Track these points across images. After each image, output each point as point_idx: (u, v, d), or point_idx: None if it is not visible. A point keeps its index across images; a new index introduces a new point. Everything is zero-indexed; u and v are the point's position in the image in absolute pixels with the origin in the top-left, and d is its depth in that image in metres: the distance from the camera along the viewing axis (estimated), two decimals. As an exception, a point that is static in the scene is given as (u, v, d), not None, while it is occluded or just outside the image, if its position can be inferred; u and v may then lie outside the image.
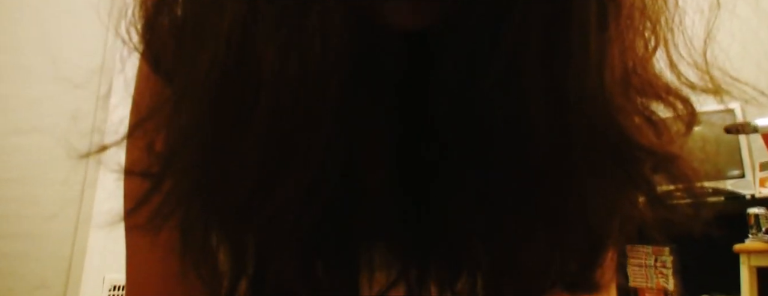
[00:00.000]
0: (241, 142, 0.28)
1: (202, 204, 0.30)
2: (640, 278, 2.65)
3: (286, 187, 0.28)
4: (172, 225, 0.32)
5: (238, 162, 0.28)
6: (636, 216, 0.32)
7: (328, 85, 0.27)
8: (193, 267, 0.33)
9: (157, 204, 0.31)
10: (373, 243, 0.32)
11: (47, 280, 1.53)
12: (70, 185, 1.56)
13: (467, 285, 0.33)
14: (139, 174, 0.35)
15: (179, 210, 0.31)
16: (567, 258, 0.32)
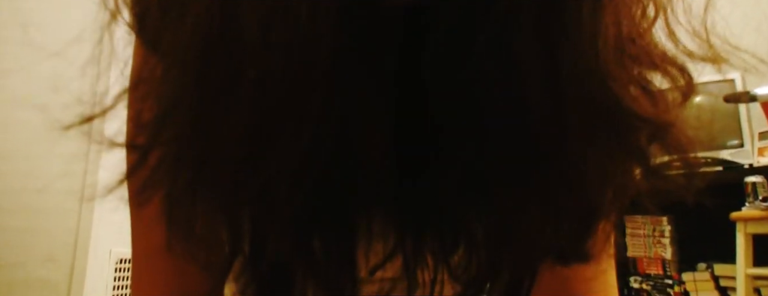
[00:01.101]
0: (229, 110, 0.27)
1: (190, 176, 0.30)
2: (638, 248, 2.68)
3: (276, 157, 0.27)
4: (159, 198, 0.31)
5: (226, 132, 0.28)
6: (630, 185, 0.32)
7: (317, 51, 0.26)
8: (179, 240, 0.33)
9: (144, 176, 0.31)
10: (371, 214, 0.32)
11: (55, 254, 1.55)
12: (73, 159, 1.57)
13: (463, 259, 0.33)
14: (126, 145, 0.35)
15: (166, 182, 0.31)
16: (560, 229, 0.32)
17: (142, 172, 0.31)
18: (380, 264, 0.33)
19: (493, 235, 0.32)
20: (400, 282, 0.34)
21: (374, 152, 0.28)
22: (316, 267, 0.31)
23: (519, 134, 0.28)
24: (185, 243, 0.33)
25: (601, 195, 0.31)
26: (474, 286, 0.34)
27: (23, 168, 1.60)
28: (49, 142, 1.61)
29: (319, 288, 0.33)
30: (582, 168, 0.29)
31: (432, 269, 0.33)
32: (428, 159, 0.30)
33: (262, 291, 0.34)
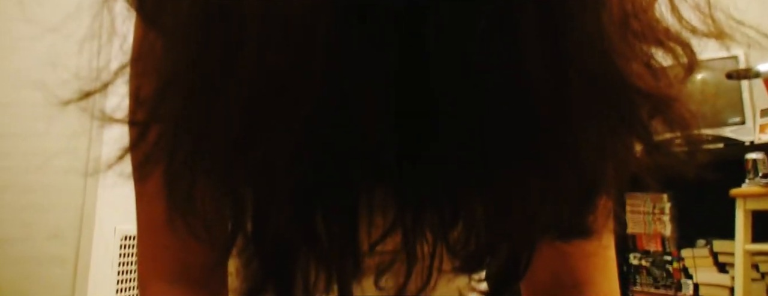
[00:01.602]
0: (228, 85, 0.27)
1: (189, 152, 0.30)
2: (638, 225, 2.70)
3: (276, 132, 0.27)
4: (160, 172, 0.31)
5: (225, 107, 0.27)
6: (631, 161, 0.32)
7: (316, 23, 0.26)
8: (179, 215, 0.33)
9: (144, 152, 0.31)
10: (371, 189, 0.32)
11: (61, 230, 1.57)
12: (77, 136, 1.58)
13: (462, 235, 0.33)
14: (125, 121, 0.35)
15: (166, 158, 0.31)
16: (560, 204, 0.32)
17: (143, 147, 0.31)
18: (380, 238, 0.33)
19: (492, 211, 0.32)
20: (399, 255, 0.34)
21: (374, 127, 0.28)
22: (317, 242, 0.32)
23: (520, 109, 0.28)
24: (185, 218, 0.33)
25: (601, 171, 0.31)
26: (473, 261, 0.34)
27: (27, 146, 1.61)
28: (51, 119, 1.62)
29: (321, 262, 0.33)
30: (583, 143, 0.29)
31: (431, 243, 0.33)
32: (428, 135, 0.29)
33: (265, 265, 0.34)
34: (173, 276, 0.44)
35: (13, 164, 1.61)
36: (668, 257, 2.62)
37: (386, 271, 0.36)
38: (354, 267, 0.33)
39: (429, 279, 0.35)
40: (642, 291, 2.66)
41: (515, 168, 0.29)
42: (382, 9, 0.27)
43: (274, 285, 0.35)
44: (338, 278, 0.33)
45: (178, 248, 0.44)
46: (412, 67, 0.28)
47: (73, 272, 1.56)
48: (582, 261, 0.47)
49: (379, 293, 0.38)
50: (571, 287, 0.47)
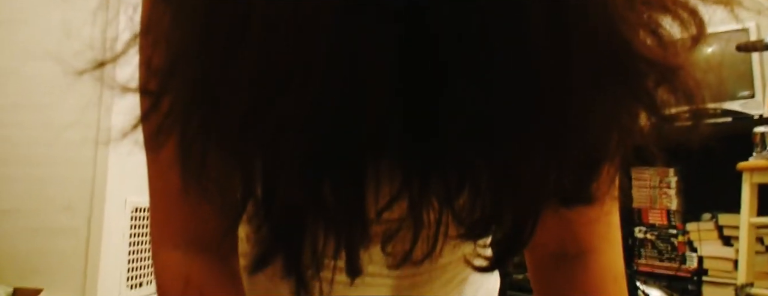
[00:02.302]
0: (237, 56, 0.27)
1: (201, 120, 0.30)
2: (644, 199, 2.70)
3: (285, 102, 0.27)
4: (174, 141, 0.32)
5: (235, 78, 0.28)
6: (635, 129, 0.32)
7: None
8: (193, 182, 0.33)
9: (157, 122, 0.31)
10: (378, 158, 0.32)
11: (72, 202, 1.59)
12: (87, 109, 1.59)
13: (467, 202, 0.33)
14: (138, 91, 0.35)
15: (178, 127, 0.31)
16: (564, 172, 0.32)
17: (155, 117, 0.31)
18: (387, 205, 0.33)
19: (497, 179, 0.32)
20: (405, 222, 0.34)
21: (381, 97, 0.28)
22: (326, 209, 0.32)
23: (525, 77, 0.28)
24: (199, 185, 0.33)
25: (606, 139, 0.31)
26: (478, 228, 0.34)
27: (38, 119, 1.62)
28: (62, 92, 1.63)
29: (329, 229, 0.34)
30: (587, 112, 0.29)
31: (437, 211, 0.34)
32: (434, 104, 0.29)
33: (274, 231, 0.35)
34: (185, 242, 0.45)
35: (24, 136, 1.63)
36: (673, 230, 2.63)
37: (393, 238, 0.36)
38: (361, 234, 0.34)
39: (435, 245, 0.35)
40: (646, 263, 2.68)
41: (520, 137, 0.29)
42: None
43: (283, 250, 0.36)
44: (346, 244, 0.34)
45: (190, 215, 0.44)
46: (417, 37, 0.28)
47: (85, 243, 1.59)
48: (585, 227, 0.47)
49: (385, 259, 0.39)
50: (575, 256, 0.48)
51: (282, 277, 0.37)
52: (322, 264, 0.36)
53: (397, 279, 0.50)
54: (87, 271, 1.58)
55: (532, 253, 0.51)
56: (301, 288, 0.38)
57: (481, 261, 0.40)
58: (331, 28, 0.26)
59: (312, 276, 0.37)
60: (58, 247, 1.59)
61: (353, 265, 0.36)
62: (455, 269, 0.53)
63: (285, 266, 0.37)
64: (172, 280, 0.45)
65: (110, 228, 1.62)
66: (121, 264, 1.68)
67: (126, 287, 1.70)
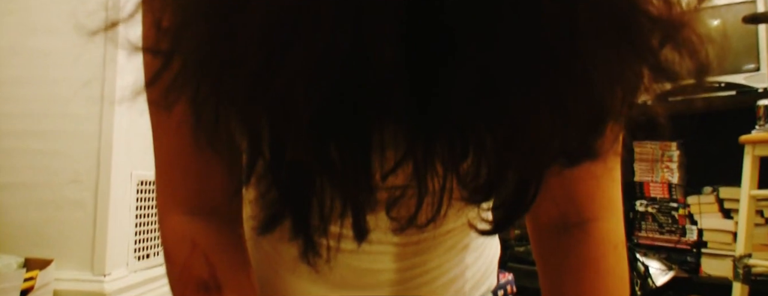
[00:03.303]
0: (247, 16, 0.27)
1: (211, 80, 0.31)
2: (646, 172, 2.71)
3: (292, 64, 0.28)
4: (185, 100, 0.32)
5: (243, 40, 0.28)
6: (639, 87, 0.32)
7: None
8: (207, 140, 0.34)
9: (168, 81, 0.32)
10: (383, 123, 0.32)
11: (79, 175, 1.60)
12: (91, 85, 1.59)
13: (472, 167, 0.33)
14: (149, 51, 0.36)
15: (190, 86, 0.32)
16: (568, 131, 0.32)
17: (166, 77, 0.32)
18: (391, 169, 0.33)
19: (502, 141, 0.32)
20: (410, 188, 0.34)
21: (387, 55, 0.28)
22: (333, 171, 0.32)
23: (531, 37, 0.28)
24: (211, 143, 0.34)
25: (610, 97, 0.31)
26: (482, 192, 0.35)
27: (42, 93, 1.63)
28: (66, 66, 1.63)
29: (336, 192, 0.34)
30: (593, 70, 0.29)
31: (441, 175, 0.34)
32: (440, 66, 0.29)
33: (282, 195, 0.36)
34: (191, 206, 0.45)
35: (29, 110, 1.64)
36: (674, 204, 2.65)
37: (397, 202, 0.37)
38: (367, 196, 0.34)
39: (439, 209, 0.36)
40: (647, 236, 2.70)
41: (526, 97, 0.29)
42: None
43: (291, 212, 0.36)
44: (352, 206, 0.35)
45: (196, 179, 0.45)
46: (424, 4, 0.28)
47: (93, 215, 1.61)
48: (588, 182, 0.47)
49: (390, 224, 0.39)
50: (577, 225, 0.48)
51: (289, 240, 0.38)
52: (328, 226, 0.37)
53: (401, 247, 0.50)
54: (95, 242, 1.60)
55: (535, 223, 0.52)
56: (308, 250, 0.38)
57: (484, 224, 0.41)
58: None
59: (319, 239, 0.38)
60: (66, 219, 1.61)
61: (360, 228, 0.36)
62: (458, 235, 0.53)
63: (292, 228, 0.37)
64: (178, 244, 0.45)
65: (117, 200, 1.63)
66: (128, 235, 1.70)
67: (133, 258, 1.72)
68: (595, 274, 0.47)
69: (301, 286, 0.52)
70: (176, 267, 0.45)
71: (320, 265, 0.39)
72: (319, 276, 0.51)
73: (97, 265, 1.60)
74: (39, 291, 1.51)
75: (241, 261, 0.46)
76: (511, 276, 0.65)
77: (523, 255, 2.34)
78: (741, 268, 2.06)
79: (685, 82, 0.32)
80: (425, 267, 0.52)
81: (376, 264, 0.50)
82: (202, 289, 0.43)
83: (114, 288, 1.61)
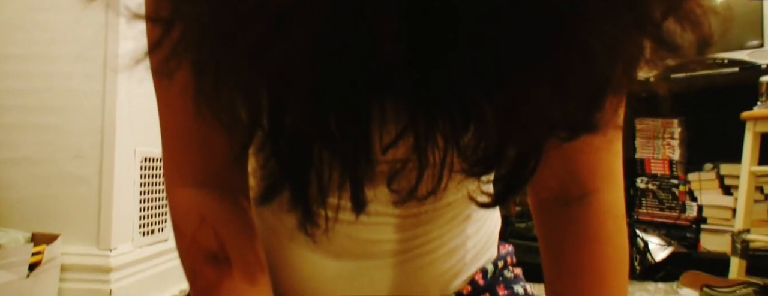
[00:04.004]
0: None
1: (211, 48, 0.31)
2: (647, 149, 2.72)
3: (293, 33, 0.27)
4: (186, 69, 0.32)
5: (246, 6, 0.28)
6: (641, 60, 0.31)
7: None
8: (208, 109, 0.34)
9: (169, 49, 0.32)
10: (384, 95, 0.32)
11: (83, 151, 1.61)
12: (93, 61, 1.59)
13: (472, 140, 0.33)
14: (149, 19, 0.35)
15: (190, 54, 0.32)
16: (569, 104, 0.32)
17: (167, 44, 0.32)
18: (392, 142, 0.33)
19: (502, 113, 0.31)
20: (411, 159, 0.34)
21: (388, 27, 0.28)
22: (332, 143, 0.32)
23: (533, 8, 0.27)
24: (212, 108, 0.34)
25: (611, 70, 0.31)
26: (483, 164, 0.35)
27: (44, 69, 1.63)
28: (66, 42, 1.62)
29: (335, 163, 0.35)
30: (595, 43, 0.29)
31: (442, 148, 0.34)
32: (441, 38, 0.29)
33: (281, 165, 0.36)
34: (197, 179, 0.46)
35: (31, 86, 1.64)
36: (675, 180, 2.66)
37: (398, 174, 0.37)
38: (366, 168, 0.34)
39: (439, 182, 0.36)
40: (647, 212, 2.72)
41: (526, 70, 0.29)
42: None
43: (290, 182, 0.37)
44: (351, 177, 0.35)
45: (200, 150, 0.45)
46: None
47: (97, 190, 1.62)
48: (588, 156, 0.48)
49: (390, 196, 0.39)
50: (577, 197, 0.48)
51: (287, 210, 0.38)
52: (327, 197, 0.37)
53: (401, 218, 0.51)
54: (100, 218, 1.62)
55: (536, 197, 0.52)
56: (306, 220, 0.39)
57: (484, 197, 0.41)
58: None
59: (317, 209, 0.38)
60: (71, 194, 1.62)
61: (358, 200, 0.36)
62: (459, 207, 0.53)
63: (291, 198, 0.37)
64: (186, 217, 0.46)
65: (121, 176, 1.64)
66: (133, 211, 1.72)
67: (138, 233, 1.74)
68: (594, 244, 0.48)
69: (302, 254, 0.52)
70: (185, 239, 0.45)
71: (318, 236, 0.40)
72: (319, 246, 0.51)
73: (103, 240, 1.62)
74: (47, 265, 1.53)
75: (248, 232, 0.47)
76: (511, 248, 0.66)
77: (524, 231, 2.36)
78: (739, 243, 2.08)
79: (687, 55, 0.31)
80: (426, 237, 0.53)
81: (376, 235, 0.51)
82: (211, 260, 0.44)
83: (120, 263, 1.63)
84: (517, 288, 0.61)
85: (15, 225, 1.60)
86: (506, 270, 0.63)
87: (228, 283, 0.44)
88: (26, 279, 1.47)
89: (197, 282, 0.45)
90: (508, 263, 0.64)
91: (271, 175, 0.37)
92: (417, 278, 0.54)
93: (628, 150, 2.74)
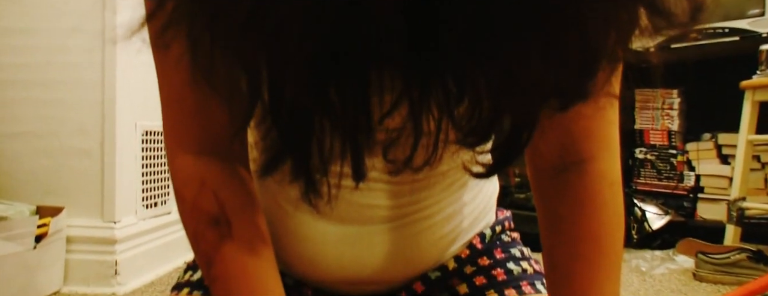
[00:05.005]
0: None
1: (206, 17, 0.30)
2: (647, 120, 2.72)
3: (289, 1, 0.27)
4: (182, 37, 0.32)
5: None
6: (634, 28, 0.31)
7: None
8: (204, 78, 0.34)
9: (163, 20, 0.32)
10: (381, 65, 0.32)
11: (84, 125, 1.62)
12: (90, 33, 1.58)
13: (467, 110, 0.34)
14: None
15: (185, 23, 0.32)
16: (562, 72, 0.31)
17: (161, 16, 0.32)
18: (388, 111, 0.33)
19: (497, 83, 0.32)
20: (406, 129, 0.34)
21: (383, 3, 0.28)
22: (332, 112, 0.33)
23: None
24: (209, 79, 0.34)
25: (604, 39, 0.31)
26: (477, 134, 0.35)
27: (42, 43, 1.62)
28: (62, 15, 1.61)
29: (336, 132, 0.35)
30: (587, 11, 0.29)
31: (437, 118, 0.34)
32: (435, 8, 0.29)
33: (282, 136, 0.36)
34: (197, 146, 0.46)
35: (31, 60, 1.63)
36: (673, 151, 2.67)
37: (394, 144, 0.37)
38: (366, 137, 0.35)
39: (434, 152, 0.36)
40: (645, 183, 2.74)
41: (519, 39, 0.29)
42: None
43: (291, 154, 0.37)
44: (351, 147, 0.35)
45: (198, 118, 0.45)
46: None
47: (100, 164, 1.63)
48: (585, 137, 0.48)
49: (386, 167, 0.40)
50: (574, 164, 0.49)
51: (289, 182, 0.39)
52: (328, 166, 0.37)
53: (399, 185, 0.52)
54: (104, 191, 1.64)
55: (534, 166, 0.52)
56: (309, 191, 0.39)
57: (478, 167, 0.42)
58: None
59: (319, 179, 0.38)
60: (75, 168, 1.63)
61: (358, 169, 0.37)
62: (455, 175, 0.54)
63: (293, 169, 0.38)
64: (187, 183, 0.46)
65: (123, 150, 1.65)
66: (135, 185, 1.73)
67: (141, 206, 1.76)
68: (591, 209, 0.48)
69: (304, 221, 0.53)
70: (187, 204, 0.46)
71: (322, 205, 0.40)
72: (321, 212, 0.52)
73: (107, 213, 1.63)
74: (53, 236, 1.56)
75: (248, 198, 0.47)
76: (509, 213, 0.67)
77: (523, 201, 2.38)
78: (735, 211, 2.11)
79: (682, 24, 0.31)
80: (423, 203, 0.54)
81: (374, 201, 0.52)
82: (212, 224, 0.45)
83: (125, 235, 1.65)
84: (514, 251, 0.62)
85: (19, 199, 1.62)
86: (504, 235, 0.64)
87: (229, 246, 0.45)
88: (33, 251, 1.49)
89: (200, 245, 0.46)
90: (505, 227, 0.65)
91: (272, 147, 0.37)
92: (415, 242, 0.55)
93: (627, 122, 2.75)
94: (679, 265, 2.00)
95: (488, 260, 0.60)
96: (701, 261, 1.85)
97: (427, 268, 0.58)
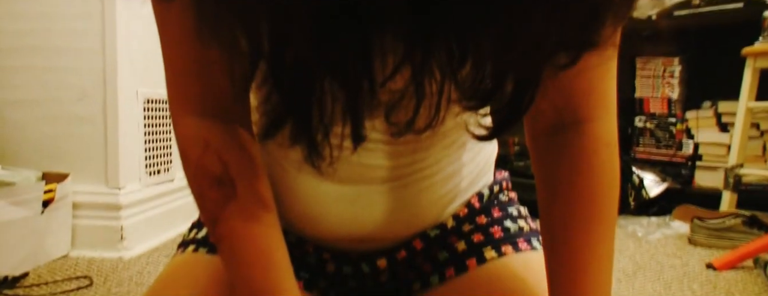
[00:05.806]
0: None
1: None
2: (647, 88, 2.71)
3: None
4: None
5: None
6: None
7: None
8: (208, 35, 0.34)
9: None
10: (383, 26, 0.32)
11: (87, 91, 1.62)
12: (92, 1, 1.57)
13: (470, 73, 0.34)
14: None
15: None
16: (565, 29, 0.31)
17: None
18: (391, 74, 0.33)
19: (499, 43, 0.32)
20: (408, 92, 0.35)
21: None
22: (335, 72, 0.33)
23: None
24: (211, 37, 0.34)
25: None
26: (480, 96, 0.35)
27: (44, 10, 1.61)
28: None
29: (338, 94, 0.35)
30: None
31: (439, 81, 0.34)
32: None
33: (284, 98, 0.37)
34: (200, 107, 0.47)
35: (30, 27, 1.62)
36: (673, 119, 2.67)
37: (396, 106, 0.37)
38: (368, 98, 0.35)
39: (437, 113, 0.36)
40: (644, 151, 2.75)
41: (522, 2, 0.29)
42: None
43: (293, 116, 0.38)
44: (352, 108, 0.36)
45: (201, 79, 0.45)
46: None
47: (103, 131, 1.64)
48: (583, 96, 0.48)
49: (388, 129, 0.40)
50: (572, 124, 0.49)
51: (290, 146, 0.39)
52: (330, 128, 0.38)
53: (400, 145, 0.52)
54: (108, 158, 1.65)
55: (531, 124, 0.53)
56: (312, 153, 0.40)
57: (481, 130, 0.42)
58: None
59: (321, 141, 0.39)
60: (78, 135, 1.64)
61: (358, 130, 0.37)
62: (454, 135, 0.55)
63: (294, 131, 0.38)
64: (191, 144, 0.47)
65: (125, 118, 1.66)
66: (138, 152, 1.75)
67: (145, 173, 1.78)
68: (587, 169, 0.49)
69: (306, 181, 0.55)
70: (191, 165, 0.47)
71: (324, 167, 0.41)
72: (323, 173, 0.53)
73: (111, 179, 1.65)
74: (59, 202, 1.58)
75: (252, 159, 0.48)
76: (507, 174, 0.68)
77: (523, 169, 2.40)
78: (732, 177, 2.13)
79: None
80: (422, 164, 0.55)
81: (374, 161, 0.53)
82: (216, 183, 0.46)
83: (129, 201, 1.68)
84: (511, 210, 0.64)
85: (24, 165, 1.63)
86: (501, 194, 0.66)
87: (234, 206, 0.46)
88: (41, 216, 1.52)
89: (205, 205, 0.47)
90: (503, 187, 0.66)
91: (273, 110, 0.38)
92: (414, 202, 0.56)
93: (627, 90, 2.73)
94: (675, 231, 2.03)
95: (486, 218, 0.62)
96: (696, 227, 1.87)
97: (427, 226, 0.59)
